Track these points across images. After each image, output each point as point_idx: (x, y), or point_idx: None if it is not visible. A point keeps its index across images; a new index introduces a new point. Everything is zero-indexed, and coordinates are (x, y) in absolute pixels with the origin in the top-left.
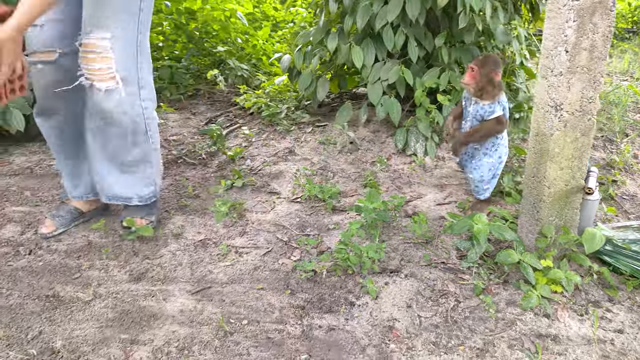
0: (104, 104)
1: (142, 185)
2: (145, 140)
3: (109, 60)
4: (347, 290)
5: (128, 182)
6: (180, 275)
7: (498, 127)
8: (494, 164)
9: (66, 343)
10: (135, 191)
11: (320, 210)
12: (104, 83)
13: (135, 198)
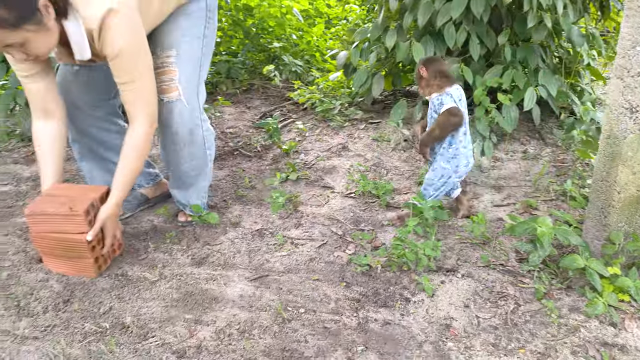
0: (166, 115)
1: (195, 197)
2: (203, 154)
3: (173, 73)
4: (402, 286)
5: (184, 191)
6: (239, 262)
7: (452, 118)
8: (448, 172)
9: (135, 319)
10: (188, 200)
11: (374, 207)
12: (167, 94)
13: (188, 208)
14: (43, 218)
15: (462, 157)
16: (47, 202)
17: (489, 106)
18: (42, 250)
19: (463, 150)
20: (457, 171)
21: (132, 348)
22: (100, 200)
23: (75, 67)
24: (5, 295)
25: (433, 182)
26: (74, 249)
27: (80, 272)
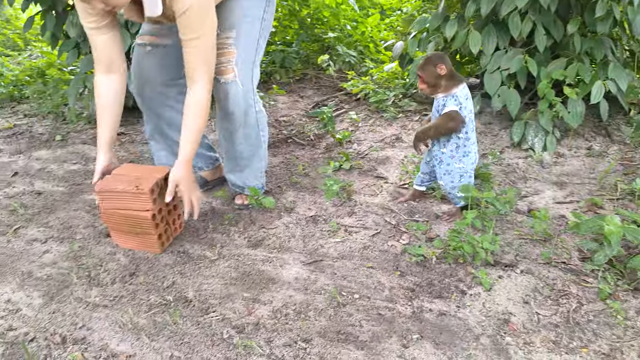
0: (222, 96)
1: (252, 178)
2: (256, 135)
3: (231, 55)
4: (458, 279)
5: (239, 173)
6: (294, 246)
7: (450, 123)
8: (465, 169)
9: (197, 294)
10: (244, 182)
11: (429, 198)
12: (224, 76)
13: (246, 189)
14: (112, 195)
15: (472, 153)
16: (116, 181)
17: (554, 100)
18: (110, 226)
19: (472, 146)
20: (474, 168)
21: (194, 321)
22: (165, 180)
23: (148, 47)
24: (78, 266)
25: (455, 185)
26: (139, 225)
27: (145, 247)
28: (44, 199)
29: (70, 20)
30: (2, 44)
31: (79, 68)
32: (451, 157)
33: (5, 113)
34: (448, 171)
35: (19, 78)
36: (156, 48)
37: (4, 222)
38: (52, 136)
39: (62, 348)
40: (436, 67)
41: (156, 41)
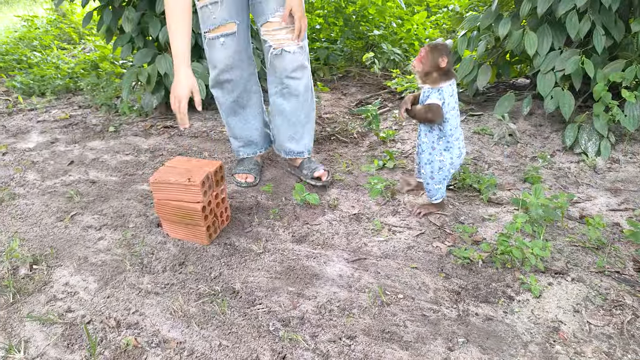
0: (291, 65)
1: (308, 139)
2: (312, 99)
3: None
4: (505, 284)
5: (297, 138)
6: (338, 243)
7: (428, 114)
8: (444, 163)
9: (243, 286)
10: (305, 146)
11: (475, 200)
12: (291, 47)
13: (306, 152)
14: (165, 186)
15: (455, 148)
16: (169, 173)
17: (611, 103)
18: (162, 216)
19: (455, 142)
20: (453, 162)
21: (241, 312)
22: (215, 174)
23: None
24: (130, 253)
25: (434, 177)
26: (189, 216)
27: (194, 238)
28: (98, 187)
29: (125, 16)
30: (58, 37)
31: (135, 61)
32: (432, 147)
33: (61, 104)
34: (429, 161)
35: (75, 71)
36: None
37: (61, 209)
38: (105, 127)
39: (117, 332)
40: (440, 58)
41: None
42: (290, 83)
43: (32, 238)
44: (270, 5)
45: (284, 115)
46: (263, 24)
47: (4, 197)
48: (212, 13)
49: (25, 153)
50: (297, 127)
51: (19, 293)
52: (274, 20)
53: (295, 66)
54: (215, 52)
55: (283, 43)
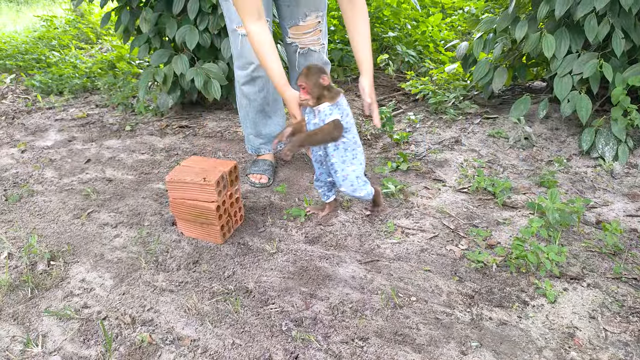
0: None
1: None
2: None
3: (320, 33)
4: (520, 289)
5: None
6: (350, 245)
7: (334, 131)
8: (360, 169)
9: (256, 285)
10: None
11: (489, 204)
12: (316, 46)
13: None
14: (181, 185)
15: (360, 155)
16: (185, 172)
17: (629, 107)
18: (177, 215)
19: (359, 149)
20: (362, 164)
21: (254, 311)
22: (229, 174)
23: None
24: (146, 251)
25: (355, 187)
26: (204, 215)
27: (208, 237)
28: (115, 186)
29: (143, 16)
30: (76, 37)
31: (152, 62)
32: (342, 162)
33: (78, 103)
34: (344, 177)
35: (92, 70)
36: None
37: (78, 206)
38: (121, 126)
39: (132, 328)
40: (320, 78)
41: None
42: None
43: (50, 234)
44: (300, 9)
45: None
46: (292, 27)
47: (23, 194)
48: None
49: (44, 151)
50: None
51: (37, 288)
52: (303, 24)
53: (320, 64)
54: (249, 48)
55: (309, 44)
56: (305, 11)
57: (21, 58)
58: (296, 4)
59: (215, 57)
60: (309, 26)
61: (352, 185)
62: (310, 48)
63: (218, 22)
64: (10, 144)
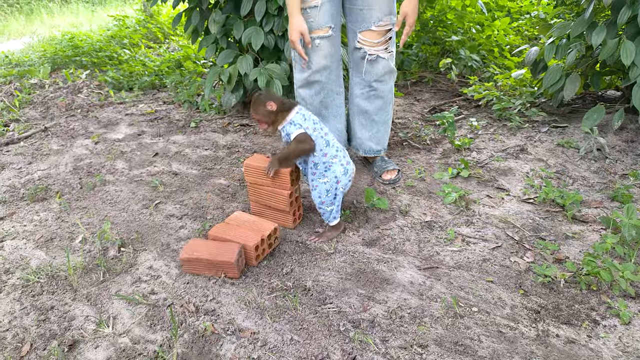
0: (382, 70)
1: (385, 139)
2: (393, 100)
3: (390, 40)
4: (590, 307)
5: (379, 137)
6: (409, 250)
7: (300, 145)
8: (331, 184)
9: (314, 284)
10: (382, 144)
11: (557, 216)
12: (385, 53)
13: (382, 150)
14: (256, 171)
15: (336, 166)
16: (261, 160)
17: None
18: (251, 197)
19: (334, 160)
20: (339, 181)
21: (312, 309)
22: (297, 168)
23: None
24: None
25: (323, 200)
26: (276, 200)
27: (281, 222)
28: (180, 179)
29: (212, 18)
30: (145, 36)
31: (218, 61)
32: (312, 173)
33: (147, 99)
34: (313, 187)
35: (160, 68)
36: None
37: (146, 197)
38: (187, 123)
39: (195, 316)
40: (266, 105)
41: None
42: (378, 86)
43: (120, 222)
44: (373, 14)
45: (367, 115)
46: (363, 31)
47: (96, 183)
48: (311, 16)
49: (115, 143)
50: (379, 127)
51: (108, 272)
52: (375, 29)
53: (386, 71)
54: (310, 53)
55: (378, 50)
56: (379, 15)
57: (95, 55)
58: (369, 7)
59: (278, 58)
60: (381, 32)
61: (319, 197)
62: (379, 55)
63: (283, 23)
64: (84, 135)
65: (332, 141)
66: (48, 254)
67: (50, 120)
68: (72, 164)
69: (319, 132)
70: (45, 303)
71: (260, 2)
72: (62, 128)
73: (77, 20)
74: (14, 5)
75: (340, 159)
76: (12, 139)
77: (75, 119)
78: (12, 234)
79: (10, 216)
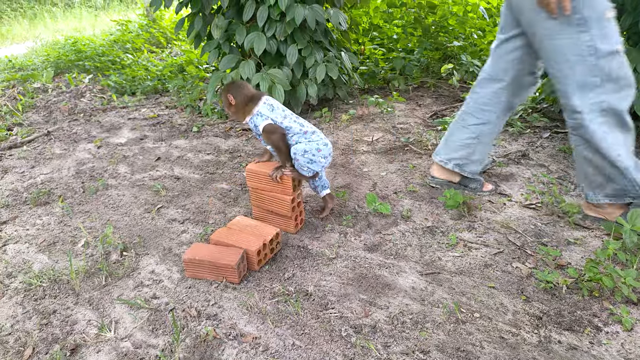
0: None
1: None
2: None
3: None
4: (592, 313)
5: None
6: (410, 255)
7: (271, 136)
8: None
9: (316, 289)
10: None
11: (559, 222)
12: None
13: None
14: (257, 176)
15: (316, 137)
16: (263, 165)
17: None
18: (253, 202)
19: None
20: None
21: (314, 314)
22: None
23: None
24: None
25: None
26: (279, 205)
27: (282, 226)
28: (182, 183)
29: (215, 23)
30: (148, 41)
31: (220, 66)
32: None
33: (150, 104)
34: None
35: (163, 73)
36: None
37: (148, 201)
38: (189, 127)
39: (197, 321)
40: (227, 97)
41: None
42: None
43: (123, 226)
44: None
45: None
46: None
47: (99, 187)
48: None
49: (118, 147)
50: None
51: (110, 276)
52: None
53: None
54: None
55: None
56: None
57: (98, 59)
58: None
59: (280, 63)
60: None
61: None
62: None
63: (285, 29)
64: (87, 139)
65: (307, 125)
66: (50, 258)
67: (53, 124)
68: (75, 168)
69: (290, 117)
70: (48, 307)
71: (262, 8)
72: (65, 132)
73: (80, 24)
74: (18, 9)
75: (319, 135)
76: (15, 142)
77: (78, 123)
78: (15, 238)
79: (13, 220)
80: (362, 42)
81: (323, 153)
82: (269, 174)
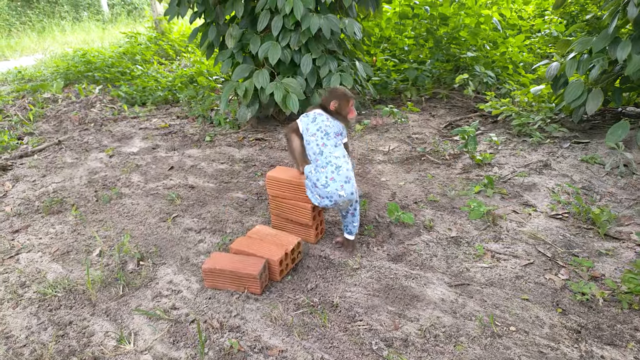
0: None
1: None
2: None
3: None
4: (633, 327)
5: None
6: (437, 266)
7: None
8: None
9: (341, 301)
10: None
11: (588, 233)
12: None
13: None
14: (278, 184)
15: (322, 174)
16: (283, 172)
17: None
18: (272, 211)
19: (322, 170)
20: (316, 185)
21: (342, 326)
22: None
23: None
24: None
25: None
26: (299, 213)
27: (302, 236)
28: (197, 192)
29: (229, 32)
30: (157, 53)
31: (233, 76)
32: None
33: (160, 114)
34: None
35: (174, 84)
36: None
37: (163, 210)
38: (201, 137)
39: (220, 333)
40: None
41: None
42: None
43: (138, 236)
44: None
45: None
46: None
47: (112, 196)
48: None
49: (130, 156)
50: None
51: (128, 286)
52: None
53: None
54: None
55: None
56: None
57: (108, 71)
58: None
59: (294, 73)
60: None
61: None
62: None
63: (299, 38)
64: (99, 148)
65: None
66: (65, 267)
67: (63, 133)
68: (87, 177)
69: (318, 140)
70: (63, 318)
71: (277, 18)
72: (76, 141)
73: (89, 37)
74: (27, 23)
75: (328, 173)
76: (26, 151)
77: (88, 133)
78: (28, 247)
79: (25, 229)
80: (373, 53)
81: (319, 192)
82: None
